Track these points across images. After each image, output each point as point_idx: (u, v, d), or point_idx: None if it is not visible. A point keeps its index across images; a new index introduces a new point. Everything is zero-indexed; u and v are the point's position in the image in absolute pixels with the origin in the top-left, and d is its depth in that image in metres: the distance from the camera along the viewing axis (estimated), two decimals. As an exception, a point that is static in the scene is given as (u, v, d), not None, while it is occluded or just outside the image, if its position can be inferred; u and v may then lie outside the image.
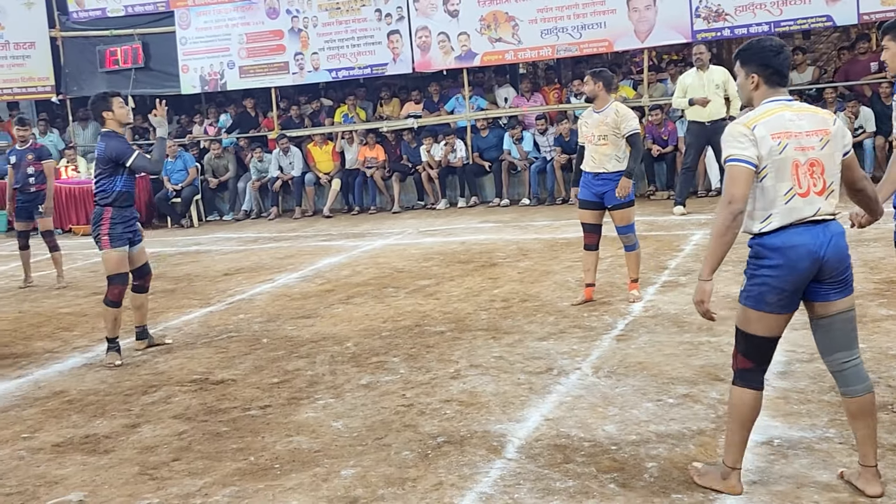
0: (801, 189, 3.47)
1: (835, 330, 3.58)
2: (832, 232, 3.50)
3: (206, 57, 15.91)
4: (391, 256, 10.15)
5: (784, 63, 3.59)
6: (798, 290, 3.52)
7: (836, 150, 3.53)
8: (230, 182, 15.71)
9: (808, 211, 3.48)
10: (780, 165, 3.47)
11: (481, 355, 5.94)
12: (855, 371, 3.59)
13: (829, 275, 3.50)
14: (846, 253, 3.54)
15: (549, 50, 14.00)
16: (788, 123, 3.50)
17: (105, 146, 6.71)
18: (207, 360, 6.44)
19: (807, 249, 3.45)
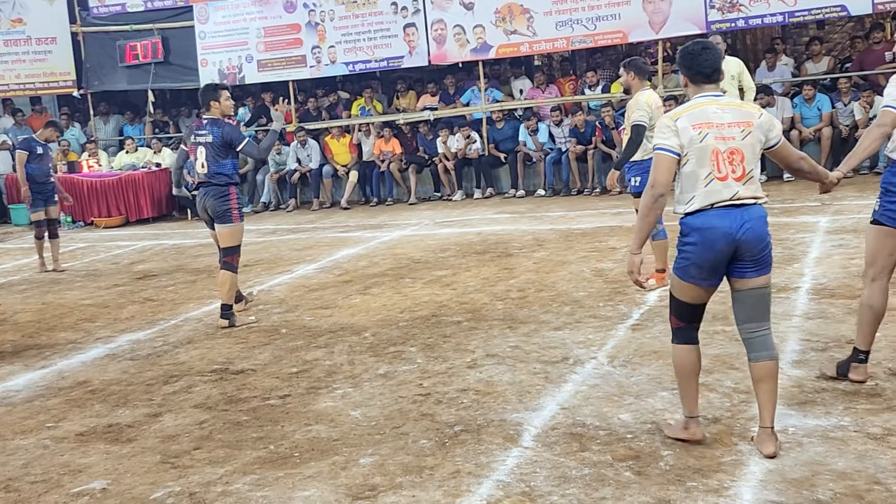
0: (720, 174, 3.80)
1: (748, 303, 3.93)
2: (750, 215, 3.81)
3: (225, 51, 15.94)
4: (408, 247, 10.15)
5: (705, 64, 3.92)
6: (716, 266, 3.87)
7: (757, 142, 3.84)
8: (249, 174, 15.74)
9: (726, 194, 3.80)
10: (701, 153, 3.81)
11: (497, 345, 5.93)
12: (762, 340, 3.94)
13: (747, 254, 3.83)
14: (763, 235, 3.84)
15: (564, 42, 13.95)
16: (711, 115, 3.83)
17: (221, 131, 7.24)
18: (227, 350, 6.46)
19: (722, 231, 3.79)
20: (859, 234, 6.38)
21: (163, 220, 15.27)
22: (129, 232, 14.22)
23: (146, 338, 7.06)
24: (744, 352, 5.18)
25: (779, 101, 12.97)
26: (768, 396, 3.91)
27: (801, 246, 8.09)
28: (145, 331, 7.31)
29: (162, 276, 9.78)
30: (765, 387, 3.92)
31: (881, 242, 4.57)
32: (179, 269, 10.22)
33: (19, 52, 16.79)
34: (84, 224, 15.35)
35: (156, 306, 8.24)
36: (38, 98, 17.87)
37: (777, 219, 9.60)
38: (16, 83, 16.93)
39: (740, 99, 11.24)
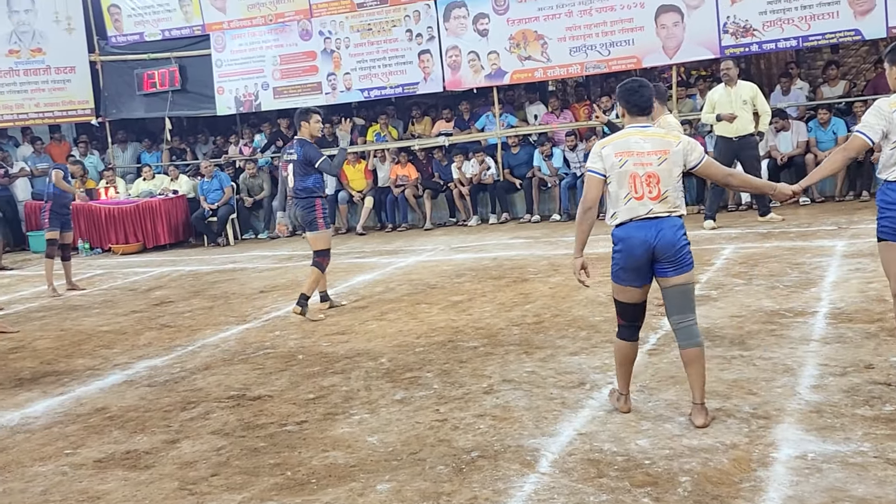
0: (637, 194, 4.53)
1: (672, 298, 4.60)
2: (663, 226, 4.51)
3: (241, 78, 16.08)
4: (424, 273, 10.17)
5: (640, 100, 4.63)
6: (639, 268, 4.58)
7: (674, 166, 4.52)
8: (265, 201, 15.83)
9: (642, 211, 4.53)
10: (620, 177, 4.55)
11: (514, 370, 5.93)
12: (687, 330, 4.60)
13: (663, 257, 4.51)
14: (675, 241, 4.50)
15: (578, 67, 14.00)
16: (633, 145, 4.55)
17: (302, 151, 8.30)
18: (244, 376, 6.48)
19: (640, 240, 4.53)
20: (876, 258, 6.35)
21: (179, 247, 15.35)
22: (146, 258, 14.31)
23: (163, 364, 7.09)
24: (762, 377, 5.24)
25: (794, 125, 12.96)
26: (696, 377, 4.60)
27: (818, 270, 8.07)
28: (163, 357, 7.35)
29: (179, 303, 9.83)
30: (692, 369, 4.61)
31: (888, 256, 4.79)
32: (196, 295, 10.26)
33: (38, 82, 16.99)
34: (101, 251, 15.45)
35: (173, 332, 8.28)
36: (56, 126, 18.06)
37: (793, 243, 9.58)
38: (35, 112, 17.12)
39: (754, 123, 11.26)
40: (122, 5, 16.86)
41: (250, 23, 15.93)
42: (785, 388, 5.06)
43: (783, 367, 5.44)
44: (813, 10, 12.47)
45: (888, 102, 4.80)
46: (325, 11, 15.40)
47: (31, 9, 16.89)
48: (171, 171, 16.17)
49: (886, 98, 4.86)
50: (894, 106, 4.76)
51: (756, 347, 5.92)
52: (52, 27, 16.91)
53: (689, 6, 13.10)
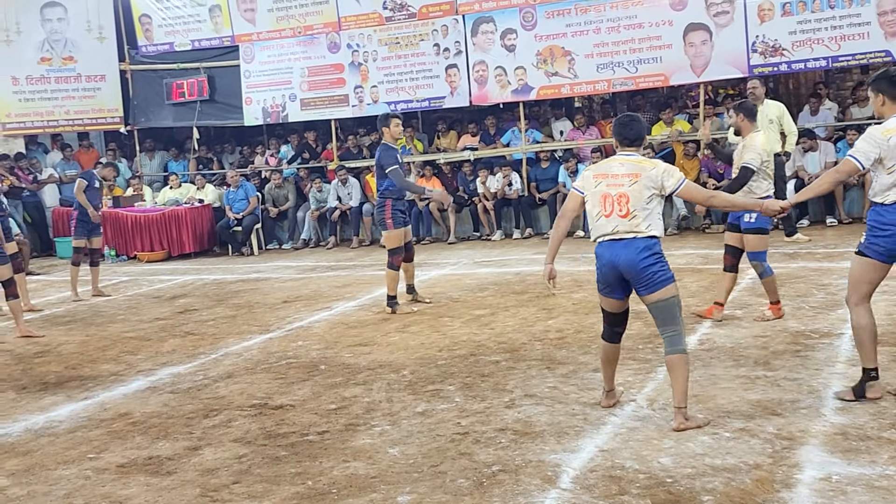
0: (606, 212, 4.96)
1: (652, 313, 4.98)
2: (625, 246, 4.89)
3: (269, 89, 16.19)
4: (447, 286, 10.18)
5: (629, 133, 5.04)
6: (610, 284, 5.02)
7: (645, 189, 4.87)
8: (290, 211, 15.91)
9: (608, 228, 4.96)
10: (594, 197, 5.03)
11: (536, 385, 5.92)
12: (669, 339, 4.93)
13: (629, 277, 4.91)
14: (637, 262, 4.85)
15: (605, 84, 14.00)
16: (611, 168, 5.02)
17: (379, 155, 8.87)
18: (267, 385, 6.51)
19: (605, 259, 4.98)
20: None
21: (204, 256, 15.44)
22: (171, 266, 14.41)
23: (187, 371, 7.13)
24: (787, 398, 5.22)
25: (822, 146, 12.89)
26: (677, 382, 4.90)
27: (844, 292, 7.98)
28: (186, 364, 7.39)
29: (203, 311, 9.89)
30: (673, 374, 4.92)
31: (864, 272, 5.06)
32: (220, 303, 10.32)
33: (69, 89, 17.18)
34: (127, 258, 15.56)
35: (196, 340, 8.33)
36: (85, 134, 18.24)
37: (819, 263, 9.51)
38: (65, 119, 17.30)
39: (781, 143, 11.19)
40: (152, 15, 17.04)
41: (279, 34, 16.05)
42: (810, 410, 5.03)
43: (808, 388, 5.40)
44: (843, 30, 12.42)
45: (881, 130, 4.98)
46: (354, 24, 15.49)
47: (63, 17, 17.11)
48: (198, 181, 16.28)
49: (879, 125, 5.04)
50: (888, 133, 4.94)
51: (781, 368, 5.89)
52: (83, 36, 17.11)
53: (717, 25, 13.09)
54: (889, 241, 4.97)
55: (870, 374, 5.14)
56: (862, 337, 5.13)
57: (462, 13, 14.71)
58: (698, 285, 8.87)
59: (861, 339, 5.14)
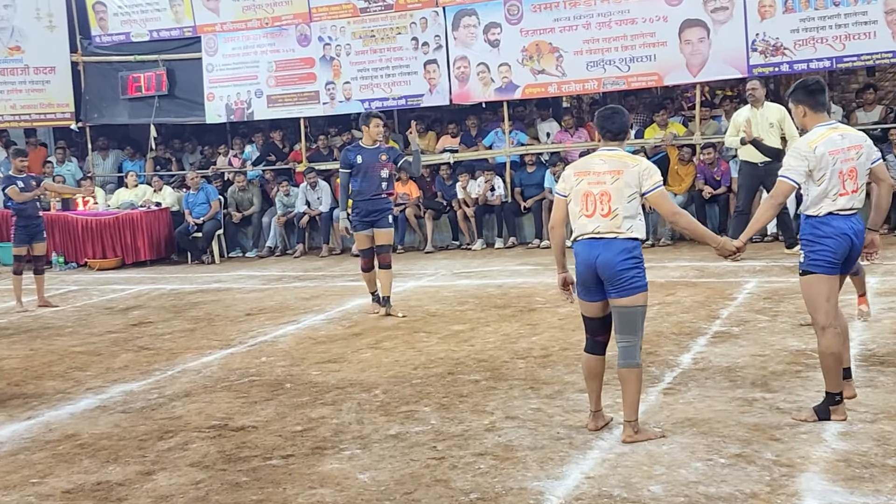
0: (588, 212, 5.12)
1: (616, 318, 5.13)
2: (605, 247, 5.06)
3: (233, 85, 16.16)
4: (423, 299, 10.18)
5: (612, 126, 5.21)
6: (587, 285, 5.18)
7: (626, 186, 5.03)
8: (254, 217, 15.87)
9: (589, 227, 5.13)
10: (576, 195, 5.19)
11: (518, 406, 5.93)
12: (623, 350, 5.12)
13: (604, 277, 5.08)
14: (614, 263, 5.01)
15: (595, 83, 14.07)
16: (592, 165, 5.19)
17: None
18: (227, 404, 6.48)
19: (583, 258, 5.15)
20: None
21: (161, 264, 15.37)
22: (124, 275, 14.33)
23: (140, 389, 7.09)
24: (786, 421, 5.25)
25: (825, 152, 12.99)
26: (627, 395, 5.14)
27: (849, 308, 8.06)
28: (139, 382, 7.35)
29: (159, 324, 9.84)
30: (624, 387, 5.15)
31: (818, 290, 5.21)
32: (177, 316, 10.28)
33: (16, 82, 17.07)
34: (77, 265, 15.47)
35: (151, 355, 8.28)
36: (33, 130, 18.12)
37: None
38: (11, 114, 17.19)
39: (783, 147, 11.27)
40: (108, 3, 16.97)
41: (245, 26, 16.03)
42: (810, 435, 5.06)
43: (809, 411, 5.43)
44: (848, 29, 12.53)
45: (805, 142, 5.28)
46: (326, 16, 15.50)
47: (10, 4, 17.00)
48: (155, 182, 16.20)
49: (804, 137, 5.34)
50: (813, 144, 5.22)
51: (780, 390, 5.93)
52: (32, 24, 17.00)
53: (715, 21, 13.19)
54: (829, 251, 5.19)
55: (834, 398, 5.27)
56: (828, 363, 5.25)
57: (442, 5, 14.75)
58: (693, 300, 8.92)
59: (827, 365, 5.26)
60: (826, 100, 5.48)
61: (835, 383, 5.26)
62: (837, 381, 5.27)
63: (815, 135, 5.27)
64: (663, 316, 8.31)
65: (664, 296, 9.10)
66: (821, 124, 5.34)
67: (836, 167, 5.20)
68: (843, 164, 5.22)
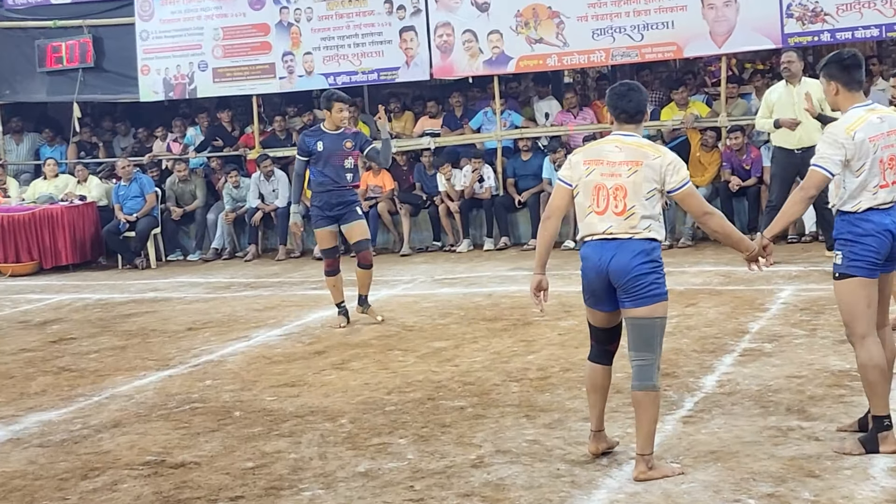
0: (599, 208, 5.13)
1: (629, 332, 5.18)
2: (617, 250, 5.08)
3: (173, 56, 16.08)
4: (398, 310, 10.19)
5: (628, 106, 5.21)
6: (595, 292, 5.22)
7: (645, 181, 5.05)
8: (198, 213, 15.82)
9: (600, 227, 5.14)
10: (585, 187, 5.18)
11: (511, 438, 5.94)
12: (637, 369, 5.15)
13: (618, 284, 5.09)
14: (630, 268, 5.03)
15: (603, 54, 14.07)
16: (606, 154, 5.18)
17: None
18: (165, 437, 6.46)
19: (591, 262, 5.17)
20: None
21: (86, 269, 15.29)
22: (42, 282, 14.26)
23: (60, 419, 7.06)
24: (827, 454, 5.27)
25: (873, 136, 13.04)
26: (639, 424, 5.13)
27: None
28: (60, 409, 7.32)
29: (83, 340, 9.81)
30: (638, 413, 5.15)
31: (856, 295, 5.31)
32: (105, 330, 10.24)
33: (-89, 52, 16.99)
34: (-14, 271, 15.38)
35: (74, 378, 8.25)
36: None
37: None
38: None
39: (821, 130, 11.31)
40: (22, -42, 16.92)
41: (186, -15, 15.99)
42: (855, 470, 5.08)
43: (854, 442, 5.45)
44: (901, -9, 12.58)
45: (843, 127, 5.32)
46: (283, -26, 15.48)
47: None
48: (79, 172, 16.14)
49: (839, 123, 5.39)
50: (852, 129, 5.28)
51: (820, 417, 5.94)
52: (-69, -17, 16.93)
53: (744, -18, 13.21)
54: (870, 251, 5.27)
55: (882, 423, 5.26)
56: (872, 377, 5.26)
57: (421, -39, 14.76)
58: (718, 312, 8.95)
59: (871, 380, 5.27)
60: (863, 77, 5.52)
61: (881, 403, 5.27)
62: (884, 401, 5.28)
63: (853, 118, 5.31)
64: (682, 330, 8.33)
65: (684, 306, 9.12)
66: (856, 105, 5.39)
67: (876, 155, 5.25)
68: (884, 152, 5.28)
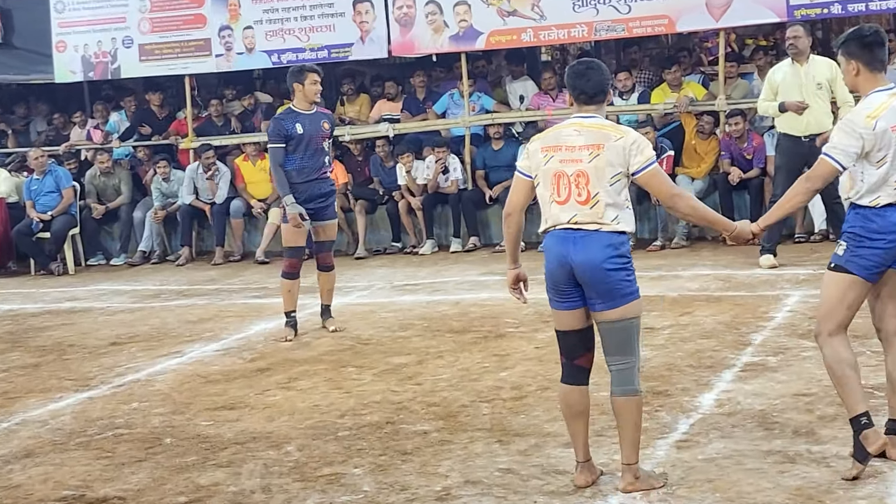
0: (560, 198, 5.30)
1: (603, 336, 5.36)
2: (582, 242, 5.22)
3: (93, 30, 16.02)
4: (353, 321, 10.18)
5: (585, 84, 5.37)
6: (559, 289, 5.35)
7: (608, 165, 5.21)
8: (122, 210, 15.75)
9: (563, 217, 5.29)
10: (544, 176, 5.36)
11: (481, 467, 5.94)
12: (616, 374, 5.33)
13: (584, 282, 5.25)
14: (597, 263, 5.18)
15: (585, 29, 14.09)
16: (565, 139, 5.35)
17: None
18: (84, 468, 6.42)
19: (555, 254, 5.32)
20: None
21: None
22: (-58, 291, 14.17)
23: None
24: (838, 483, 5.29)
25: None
26: (623, 433, 5.33)
27: None
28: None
29: (-10, 357, 9.76)
30: (619, 422, 5.35)
31: (844, 293, 5.41)
32: (15, 346, 10.19)
33: None
34: None
35: (-20, 401, 8.21)
36: None
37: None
38: None
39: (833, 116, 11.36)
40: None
41: (108, -51, 15.93)
42: (871, 500, 5.11)
43: (869, 469, 5.49)
44: (923, -43, 12.69)
45: (863, 115, 5.36)
46: (219, -64, 15.45)
47: None
48: (-16, 163, 16.06)
49: (859, 109, 5.44)
50: (874, 118, 5.32)
51: (831, 440, 5.97)
52: None
53: (745, -54, 13.28)
54: (878, 252, 5.34)
55: (860, 422, 5.33)
56: (843, 373, 5.37)
57: (377, -80, 14.75)
58: (716, 321, 8.98)
59: (842, 377, 5.38)
60: (886, 56, 5.54)
61: (855, 399, 5.36)
62: (858, 397, 5.37)
63: (875, 104, 5.34)
64: (676, 342, 8.36)
65: (678, 315, 9.16)
66: (879, 89, 5.41)
67: None
68: None
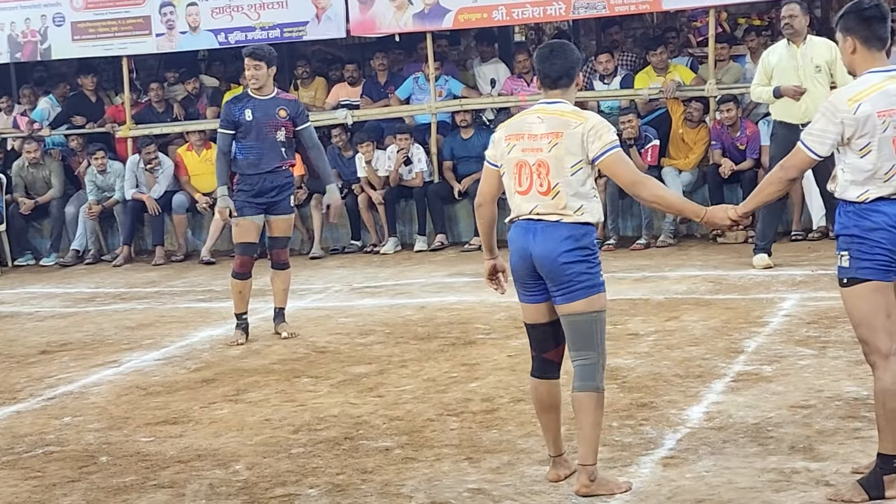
0: (521, 188, 5.59)
1: (567, 330, 5.58)
2: (544, 232, 5.50)
3: (20, 7, 15.97)
4: (308, 327, 10.18)
5: (550, 68, 5.61)
6: (522, 281, 5.64)
7: (567, 154, 5.45)
8: (53, 205, 15.71)
9: (526, 208, 5.59)
10: (508, 165, 5.66)
11: (449, 486, 5.95)
12: (579, 370, 5.56)
13: (545, 274, 5.51)
14: (556, 255, 5.44)
15: (562, 7, 14.11)
16: (528, 126, 5.62)
17: None
18: (11, 489, 6.41)
19: (517, 245, 5.62)
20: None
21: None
22: None
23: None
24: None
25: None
26: (582, 430, 5.53)
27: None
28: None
29: None
30: (577, 419, 5.58)
31: (871, 303, 5.31)
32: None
33: None
34: None
35: None
36: None
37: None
38: None
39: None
40: None
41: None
42: (874, 523, 5.15)
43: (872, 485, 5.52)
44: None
45: (845, 98, 5.34)
46: None
47: None
48: None
49: (843, 89, 5.45)
50: (856, 101, 5.27)
51: (831, 456, 6.00)
52: None
53: (736, -83, 13.34)
54: (882, 249, 5.27)
55: (892, 464, 5.26)
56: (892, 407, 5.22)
57: None
58: (706, 326, 9.01)
59: (891, 411, 5.24)
60: (887, 33, 5.46)
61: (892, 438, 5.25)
62: None
63: (862, 86, 5.29)
64: (662, 350, 8.38)
65: (664, 320, 9.18)
66: (875, 69, 5.37)
67: (886, 134, 5.24)
68: None
